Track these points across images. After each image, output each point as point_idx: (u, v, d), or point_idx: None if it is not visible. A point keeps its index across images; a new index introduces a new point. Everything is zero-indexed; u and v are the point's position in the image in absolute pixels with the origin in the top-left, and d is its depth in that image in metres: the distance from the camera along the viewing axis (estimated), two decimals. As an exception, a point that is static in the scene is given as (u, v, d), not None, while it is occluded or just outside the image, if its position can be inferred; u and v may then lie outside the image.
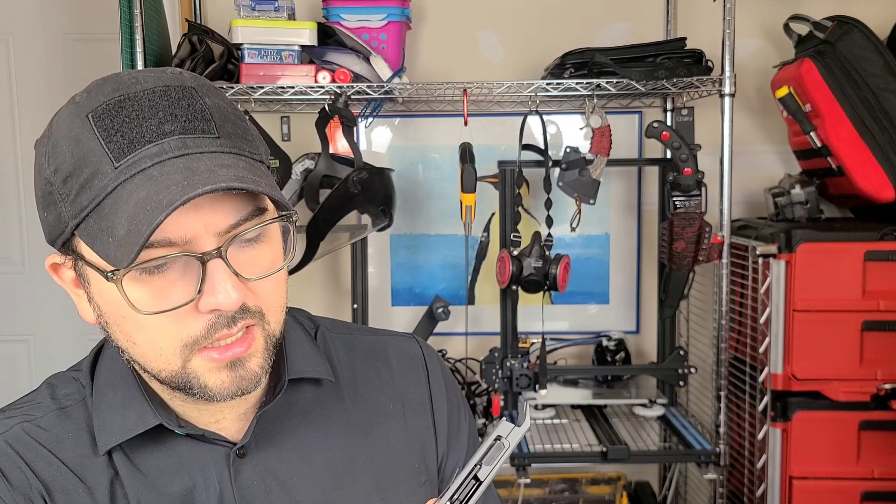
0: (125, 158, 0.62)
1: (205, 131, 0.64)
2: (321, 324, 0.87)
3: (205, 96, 0.66)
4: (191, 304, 0.65)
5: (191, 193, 0.59)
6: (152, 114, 0.63)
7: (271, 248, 0.70)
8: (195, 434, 0.74)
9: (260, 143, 0.71)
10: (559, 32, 2.19)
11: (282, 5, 1.90)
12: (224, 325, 0.66)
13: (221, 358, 0.67)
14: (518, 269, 1.83)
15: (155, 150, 0.62)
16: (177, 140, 0.63)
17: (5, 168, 2.51)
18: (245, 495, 0.75)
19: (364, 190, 1.80)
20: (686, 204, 1.79)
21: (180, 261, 0.64)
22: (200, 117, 0.65)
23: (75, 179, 0.63)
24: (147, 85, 0.64)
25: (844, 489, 1.83)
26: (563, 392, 2.05)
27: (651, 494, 2.20)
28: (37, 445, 0.72)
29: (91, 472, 0.72)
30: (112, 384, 0.75)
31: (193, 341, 0.66)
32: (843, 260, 1.80)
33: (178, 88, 0.65)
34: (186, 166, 0.62)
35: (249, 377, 0.69)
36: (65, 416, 0.75)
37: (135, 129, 0.62)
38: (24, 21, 2.47)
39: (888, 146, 1.85)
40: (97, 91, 0.65)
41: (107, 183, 0.62)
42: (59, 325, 2.50)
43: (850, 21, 1.88)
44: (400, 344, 0.90)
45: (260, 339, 0.69)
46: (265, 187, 0.63)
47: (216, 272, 0.64)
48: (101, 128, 0.62)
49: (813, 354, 1.82)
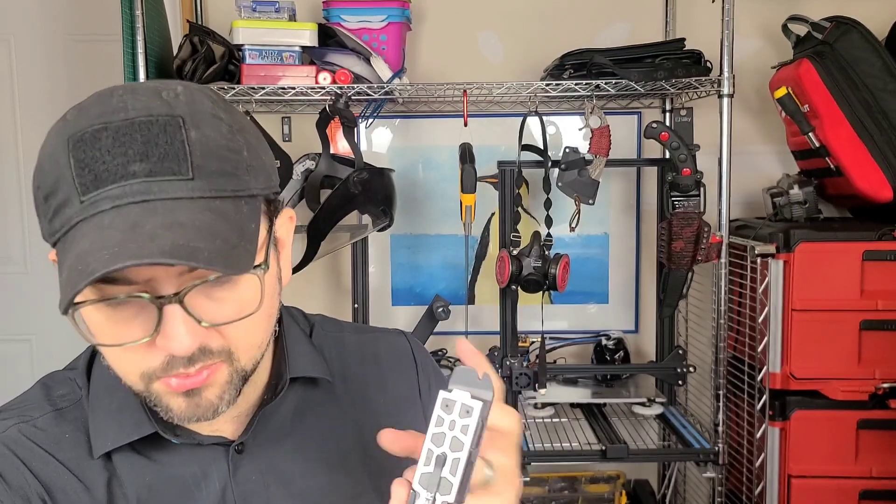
0: (89, 195, 0.61)
1: (175, 173, 0.61)
2: (315, 322, 0.88)
3: (192, 128, 0.62)
4: (148, 339, 0.63)
5: (111, 267, 0.57)
6: (122, 151, 0.61)
7: (240, 290, 0.66)
8: (190, 443, 0.75)
9: (256, 174, 0.67)
10: (559, 33, 2.19)
11: (282, 6, 1.91)
12: (181, 364, 0.65)
13: (178, 386, 0.66)
14: (518, 268, 1.84)
15: (117, 192, 0.60)
16: (140, 184, 0.61)
17: (7, 169, 2.52)
18: (244, 491, 0.75)
19: (364, 190, 1.81)
20: (685, 204, 1.80)
21: (138, 301, 0.62)
22: (174, 157, 0.61)
23: (52, 201, 0.63)
24: (130, 114, 0.62)
25: (843, 488, 1.84)
26: (563, 391, 2.06)
27: (650, 493, 2.20)
28: (34, 446, 0.72)
29: (89, 473, 0.73)
30: (109, 388, 0.75)
31: (151, 372, 0.66)
32: (842, 260, 1.80)
33: (163, 120, 0.62)
34: (135, 222, 0.60)
35: (205, 406, 0.67)
36: (61, 417, 0.75)
37: (102, 166, 0.61)
38: (26, 22, 2.48)
39: (886, 146, 1.85)
40: (85, 112, 0.63)
41: (72, 215, 0.61)
42: (61, 324, 2.42)
43: (849, 22, 1.88)
44: (389, 340, 0.91)
45: (223, 374, 0.68)
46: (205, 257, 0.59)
47: (171, 317, 0.62)
48: (75, 158, 0.61)
49: (811, 354, 1.83)
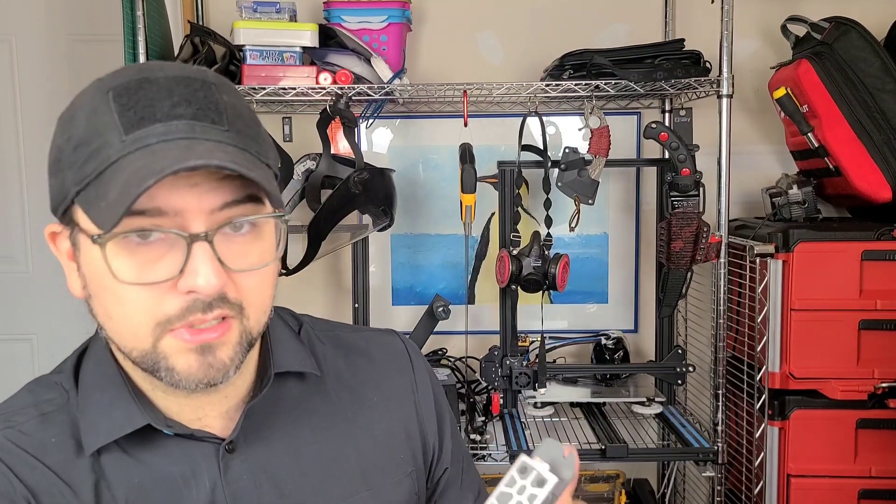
0: (133, 133, 0.64)
1: (214, 121, 0.67)
2: (304, 321, 0.88)
3: (223, 93, 0.68)
4: (170, 281, 0.65)
5: (184, 164, 0.61)
6: (167, 96, 0.65)
7: (262, 245, 0.70)
8: (183, 433, 0.74)
9: (270, 149, 0.72)
10: (558, 34, 2.20)
11: (283, 7, 1.92)
12: (199, 308, 0.66)
13: (192, 340, 0.67)
14: (517, 268, 1.84)
15: (162, 129, 0.65)
16: (185, 123, 0.65)
17: (9, 168, 2.52)
18: (235, 490, 0.75)
19: (365, 190, 1.81)
20: (684, 204, 1.80)
21: (167, 237, 0.65)
22: (214, 108, 0.67)
23: (85, 148, 0.65)
24: (170, 72, 0.67)
25: (842, 487, 1.85)
26: (562, 390, 2.06)
27: (650, 492, 2.21)
28: (20, 451, 0.72)
29: (76, 476, 0.72)
30: (99, 385, 0.75)
31: (167, 320, 0.66)
32: (841, 259, 1.81)
33: (199, 80, 0.68)
34: (187, 146, 0.64)
35: (218, 366, 0.68)
36: (47, 421, 0.75)
37: (147, 108, 0.65)
38: (27, 22, 2.48)
39: (885, 146, 1.86)
40: (122, 72, 0.68)
41: (111, 153, 0.64)
42: (62, 324, 2.51)
43: (848, 22, 1.88)
44: (382, 339, 0.92)
45: (235, 332, 0.69)
46: (261, 178, 0.65)
47: (200, 254, 0.65)
48: (118, 103, 0.65)
49: (810, 353, 1.83)
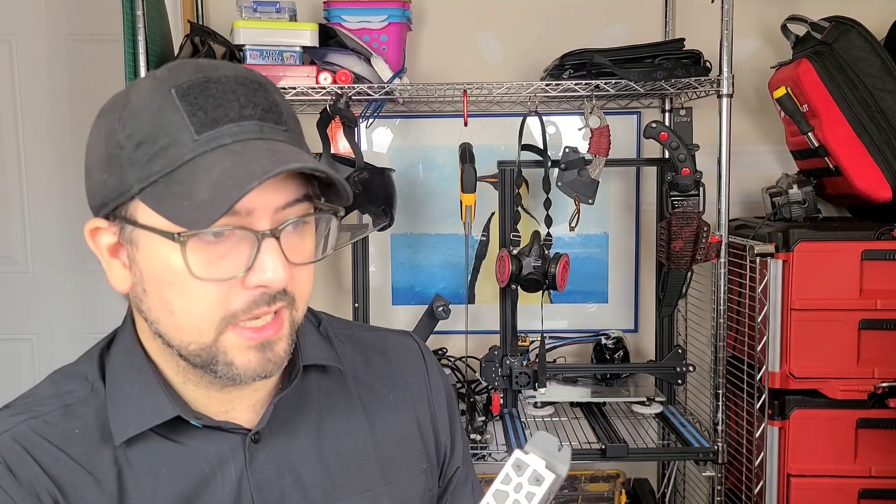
0: (206, 132, 0.66)
1: (277, 122, 0.70)
2: (322, 317, 0.90)
3: (275, 93, 0.72)
4: (240, 277, 0.68)
5: (283, 167, 0.64)
6: (234, 97, 0.68)
7: (312, 239, 0.74)
8: (211, 425, 0.76)
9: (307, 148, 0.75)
10: (558, 33, 2.20)
11: (283, 7, 1.92)
12: (265, 302, 0.69)
13: (255, 337, 0.70)
14: (517, 268, 1.84)
15: (235, 129, 0.67)
16: (254, 124, 0.68)
17: (9, 168, 2.52)
18: (259, 480, 0.77)
19: (365, 190, 1.81)
20: (684, 203, 1.80)
21: (237, 234, 0.67)
22: (274, 109, 0.70)
23: (149, 146, 0.66)
24: (227, 72, 0.69)
25: (842, 487, 1.85)
26: (563, 390, 2.06)
27: (650, 491, 2.21)
28: (44, 442, 0.73)
29: (99, 467, 0.73)
30: (128, 376, 0.76)
31: (232, 314, 0.69)
32: (841, 259, 1.81)
33: (254, 81, 0.70)
34: (267, 147, 0.67)
35: (276, 360, 0.72)
36: (70, 412, 0.75)
37: (217, 108, 0.67)
38: (27, 22, 2.48)
39: (885, 146, 1.86)
40: (179, 70, 0.69)
41: (184, 152, 0.66)
42: (63, 324, 2.50)
43: (848, 22, 1.88)
44: (396, 339, 0.94)
45: (287, 324, 0.73)
46: (340, 180, 0.69)
47: (270, 250, 0.68)
48: (185, 102, 0.66)
49: (810, 353, 1.83)
